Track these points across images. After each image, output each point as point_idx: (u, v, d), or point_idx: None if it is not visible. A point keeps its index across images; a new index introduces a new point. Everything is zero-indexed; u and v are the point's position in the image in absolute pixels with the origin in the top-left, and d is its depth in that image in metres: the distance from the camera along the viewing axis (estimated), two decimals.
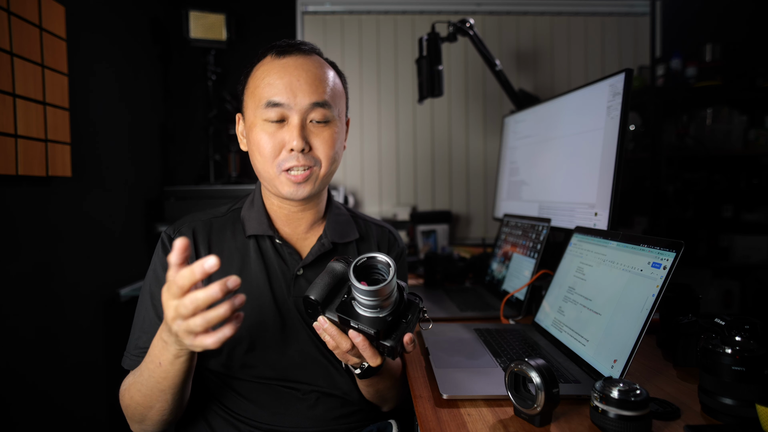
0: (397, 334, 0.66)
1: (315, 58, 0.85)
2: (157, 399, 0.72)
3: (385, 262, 0.64)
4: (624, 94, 1.07)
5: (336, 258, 0.69)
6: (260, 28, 2.44)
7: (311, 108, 0.81)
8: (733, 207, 2.48)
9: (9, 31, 1.21)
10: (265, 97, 0.80)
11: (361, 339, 0.66)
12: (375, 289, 0.61)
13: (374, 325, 0.65)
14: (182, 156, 2.39)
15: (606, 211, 1.10)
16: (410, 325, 0.68)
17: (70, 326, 1.50)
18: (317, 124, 0.83)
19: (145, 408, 0.74)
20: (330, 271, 0.68)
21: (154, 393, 0.71)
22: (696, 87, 2.32)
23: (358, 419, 0.87)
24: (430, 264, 1.56)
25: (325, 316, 0.68)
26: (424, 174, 2.53)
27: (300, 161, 0.81)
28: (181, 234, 0.86)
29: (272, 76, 0.81)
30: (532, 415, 0.64)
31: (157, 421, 0.76)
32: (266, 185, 0.86)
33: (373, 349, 0.68)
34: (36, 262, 1.35)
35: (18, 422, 1.25)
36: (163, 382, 0.69)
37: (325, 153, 0.83)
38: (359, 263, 0.64)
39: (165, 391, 0.70)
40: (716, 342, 0.65)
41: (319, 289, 0.67)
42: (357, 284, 0.61)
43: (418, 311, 0.69)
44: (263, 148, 0.81)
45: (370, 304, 0.64)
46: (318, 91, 0.81)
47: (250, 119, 0.84)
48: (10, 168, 1.22)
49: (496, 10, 2.49)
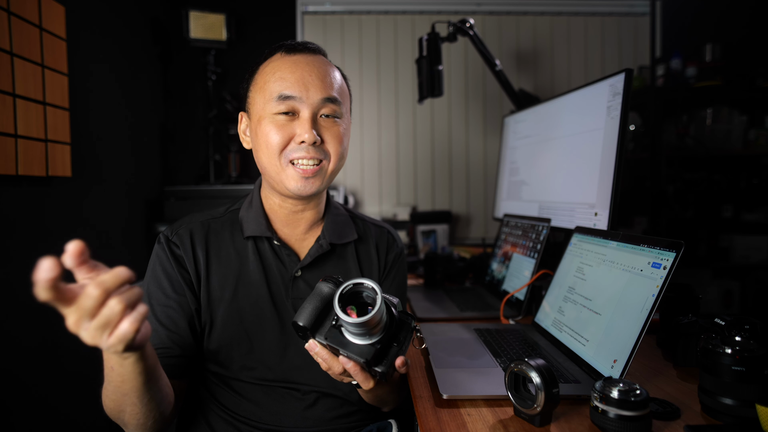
0: (388, 359, 0.65)
1: (322, 58, 0.86)
2: (123, 403, 0.67)
3: (372, 288, 0.61)
4: (624, 94, 1.07)
5: (325, 278, 0.67)
6: (260, 28, 2.44)
7: (322, 103, 0.82)
8: (733, 207, 2.48)
9: (9, 31, 1.21)
10: (276, 90, 0.81)
11: (351, 365, 0.64)
12: (362, 321, 0.59)
13: (364, 353, 0.63)
14: (182, 156, 2.39)
15: (606, 211, 1.10)
16: (402, 347, 0.66)
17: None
18: (327, 119, 0.83)
19: (117, 413, 0.70)
20: (318, 293, 0.65)
21: (118, 397, 0.67)
22: (696, 87, 2.32)
23: (357, 419, 0.87)
24: (430, 264, 1.56)
25: (316, 339, 0.66)
26: (424, 174, 2.53)
27: (310, 153, 0.81)
28: (179, 236, 0.86)
29: (283, 71, 0.81)
30: (532, 415, 0.64)
31: (135, 425, 0.71)
32: (270, 182, 0.86)
33: (365, 373, 0.66)
34: (36, 262, 1.35)
35: (18, 424, 1.25)
36: (123, 386, 0.64)
37: (335, 148, 0.84)
38: (345, 291, 0.61)
39: (127, 394, 0.65)
40: (716, 342, 0.65)
41: (307, 314, 0.64)
42: (343, 316, 0.59)
43: (411, 331, 0.67)
44: (271, 139, 0.81)
45: (358, 333, 0.62)
46: (328, 87, 0.82)
47: (257, 114, 0.83)
48: (10, 168, 1.22)
49: (496, 10, 2.49)
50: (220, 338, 0.83)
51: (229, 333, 0.83)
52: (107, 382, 0.67)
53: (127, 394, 0.65)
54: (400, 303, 0.68)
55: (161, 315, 0.81)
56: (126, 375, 0.62)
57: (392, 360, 0.65)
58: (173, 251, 0.84)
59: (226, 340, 0.83)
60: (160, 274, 0.83)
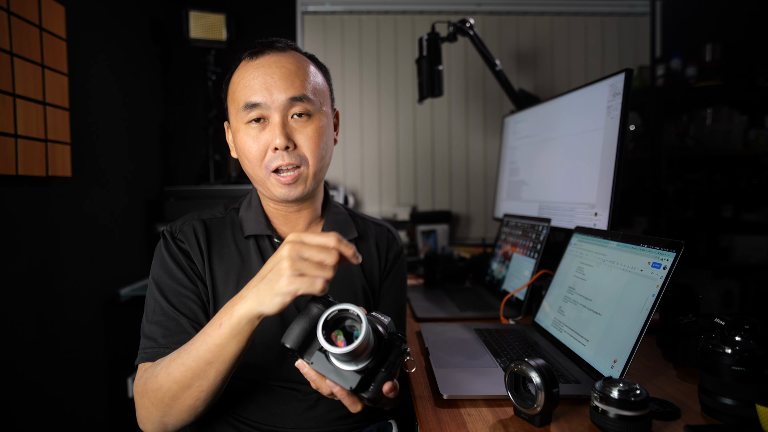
0: (375, 384, 0.63)
1: (290, 54, 0.84)
2: (200, 375, 0.67)
3: (356, 315, 0.60)
4: (624, 94, 1.07)
5: (314, 298, 0.65)
6: (260, 28, 2.44)
7: (290, 103, 0.80)
8: (733, 207, 2.48)
9: (9, 31, 1.21)
10: (242, 99, 0.80)
11: (338, 389, 0.63)
12: (344, 352, 0.57)
13: (349, 380, 0.62)
14: (182, 156, 2.39)
15: (606, 211, 1.10)
16: (390, 371, 0.63)
17: (70, 326, 1.50)
18: (299, 119, 0.81)
19: (181, 387, 0.68)
20: (307, 314, 0.64)
21: (200, 365, 0.66)
22: (696, 87, 2.32)
23: (358, 419, 0.87)
24: (430, 264, 1.56)
25: (304, 360, 0.65)
26: (424, 174, 2.53)
27: (285, 160, 0.80)
28: (183, 232, 0.85)
29: (247, 78, 0.81)
30: (532, 415, 0.64)
31: (188, 407, 0.70)
32: (260, 188, 0.86)
33: (352, 397, 0.64)
34: (36, 262, 1.35)
35: (18, 421, 1.25)
36: (215, 351, 0.65)
37: (311, 149, 0.82)
38: (329, 317, 0.60)
39: (212, 364, 0.66)
40: (716, 342, 0.65)
41: (294, 336, 0.63)
42: (326, 345, 0.58)
43: (401, 354, 0.64)
44: (249, 152, 0.81)
45: (344, 360, 0.61)
46: (294, 86, 0.80)
47: (234, 125, 0.84)
48: (10, 168, 1.22)
49: (496, 10, 2.49)
50: None
51: None
52: (195, 348, 0.67)
53: (211, 363, 0.67)
54: (392, 323, 0.66)
55: (180, 305, 0.79)
56: (229, 340, 0.65)
57: (379, 386, 0.63)
58: (180, 246, 0.84)
59: None
60: (172, 266, 0.82)
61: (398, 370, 0.66)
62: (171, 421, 0.72)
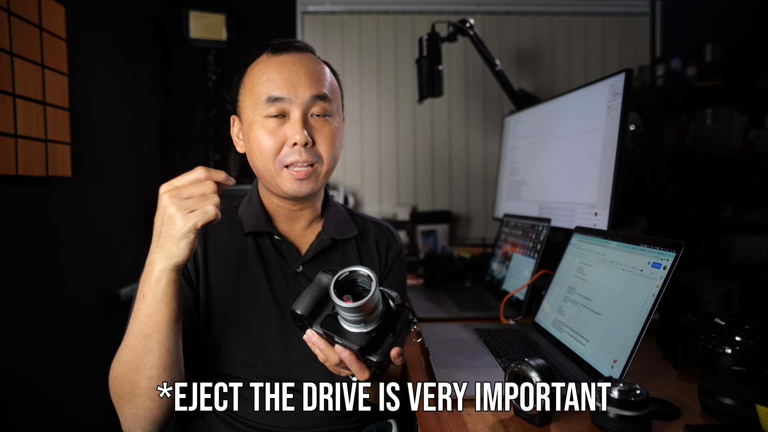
0: (383, 348, 0.65)
1: (310, 55, 0.86)
2: (143, 351, 0.67)
3: (367, 275, 0.62)
4: (624, 94, 1.07)
5: (324, 270, 0.67)
6: (260, 28, 2.44)
7: (312, 101, 0.81)
8: (733, 207, 2.48)
9: (9, 31, 1.21)
10: (265, 93, 0.80)
11: (347, 354, 0.64)
12: (356, 306, 0.59)
13: (358, 340, 0.63)
14: (182, 156, 2.39)
15: (606, 211, 1.10)
16: (398, 338, 0.66)
17: (70, 326, 1.50)
18: (318, 118, 0.83)
19: (132, 369, 0.68)
20: (317, 283, 0.66)
21: (140, 341, 0.67)
22: (696, 87, 2.32)
23: (358, 419, 0.87)
24: (430, 264, 1.56)
25: (313, 329, 0.67)
26: (424, 174, 2.53)
27: (302, 156, 0.80)
28: None
29: (270, 72, 0.81)
30: (532, 415, 0.64)
31: (148, 390, 0.68)
32: (266, 184, 0.86)
33: (360, 363, 0.66)
34: (36, 262, 1.35)
35: (17, 424, 1.25)
36: (148, 322, 0.66)
37: (327, 149, 0.83)
38: (340, 278, 0.62)
39: (149, 336, 0.66)
40: (716, 342, 0.65)
41: (305, 303, 0.65)
42: (337, 300, 0.60)
43: (408, 323, 0.67)
44: (264, 145, 0.81)
45: (354, 320, 0.62)
46: (318, 85, 0.82)
47: (248, 118, 0.83)
48: (10, 168, 1.22)
49: (496, 10, 2.49)
50: (219, 335, 0.83)
51: (228, 329, 0.83)
52: (131, 329, 0.68)
53: (149, 335, 0.67)
54: (399, 297, 0.68)
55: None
56: (155, 305, 0.65)
57: (387, 350, 0.65)
58: None
59: (225, 337, 0.83)
60: None
61: (405, 337, 0.67)
62: (144, 413, 0.71)
